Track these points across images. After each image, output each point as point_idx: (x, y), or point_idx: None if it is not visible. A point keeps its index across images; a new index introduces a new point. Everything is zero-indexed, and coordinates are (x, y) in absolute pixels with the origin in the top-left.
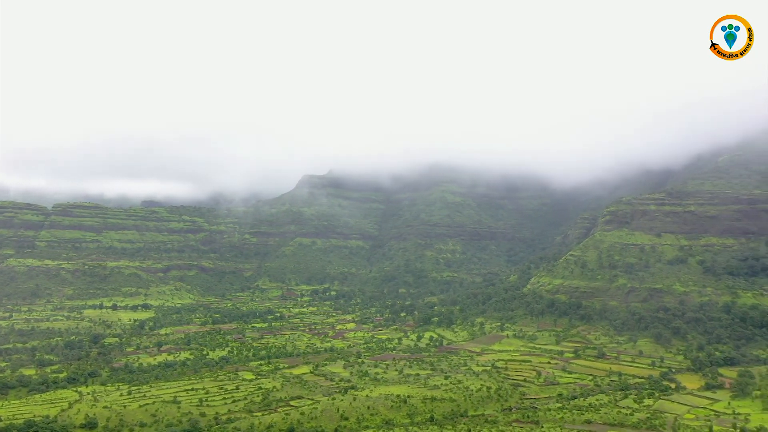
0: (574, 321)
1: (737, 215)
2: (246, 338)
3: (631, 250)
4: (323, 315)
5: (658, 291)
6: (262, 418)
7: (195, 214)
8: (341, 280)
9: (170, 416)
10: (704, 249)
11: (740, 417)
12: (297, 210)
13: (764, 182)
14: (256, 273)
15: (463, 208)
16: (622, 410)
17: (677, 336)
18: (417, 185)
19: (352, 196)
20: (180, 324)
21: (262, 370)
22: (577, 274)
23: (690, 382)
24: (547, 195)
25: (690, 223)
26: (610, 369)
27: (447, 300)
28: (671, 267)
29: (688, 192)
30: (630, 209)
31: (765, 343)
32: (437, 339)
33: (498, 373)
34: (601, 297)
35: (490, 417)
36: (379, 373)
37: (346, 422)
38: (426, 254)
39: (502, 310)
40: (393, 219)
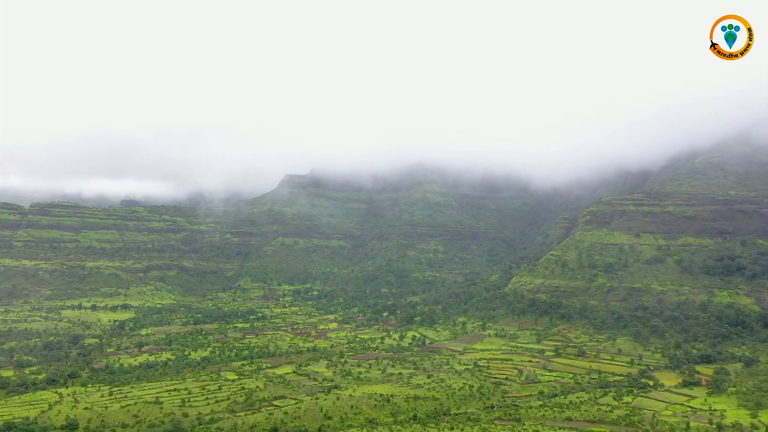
0: (555, 320)
1: (713, 216)
2: (228, 338)
3: (610, 249)
4: (305, 315)
5: (637, 290)
6: (245, 418)
7: (176, 213)
8: (323, 279)
9: (152, 417)
10: (681, 249)
11: (716, 413)
12: (279, 210)
13: (739, 184)
14: (238, 273)
15: (444, 208)
16: (602, 407)
17: (655, 334)
18: (399, 185)
19: (334, 196)
20: (161, 324)
21: (245, 370)
22: (557, 274)
23: (668, 379)
24: (527, 195)
25: (668, 223)
26: (590, 367)
27: (429, 299)
28: (649, 266)
29: (666, 193)
30: (609, 209)
31: (740, 341)
32: (420, 338)
33: (480, 372)
34: (581, 296)
35: (473, 415)
36: (362, 373)
37: (330, 421)
38: (408, 254)
39: (484, 309)
40: (375, 219)
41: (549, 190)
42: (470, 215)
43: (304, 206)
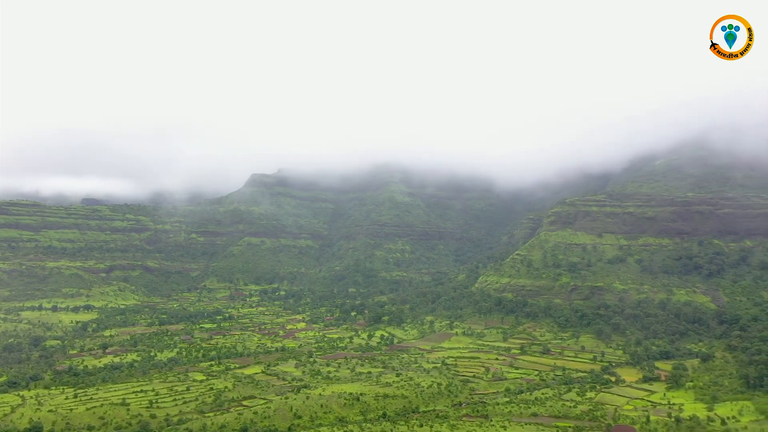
0: (521, 318)
1: (672, 216)
2: (195, 339)
3: (574, 249)
4: (273, 315)
5: (600, 289)
6: (214, 419)
7: (139, 212)
8: (291, 279)
9: (119, 419)
10: (642, 248)
11: (675, 407)
12: (245, 209)
13: (697, 185)
14: (204, 273)
15: (412, 208)
16: (566, 403)
17: (617, 332)
18: (366, 185)
19: (302, 196)
20: (125, 325)
21: (213, 371)
22: (523, 273)
23: (629, 375)
24: (493, 196)
25: (629, 223)
26: (554, 364)
27: (397, 299)
28: (611, 266)
29: (627, 194)
30: (573, 210)
31: (697, 338)
32: (388, 337)
33: (448, 370)
34: (546, 295)
35: (441, 412)
36: (331, 372)
37: (300, 420)
38: (376, 254)
39: (451, 308)
40: (342, 219)
41: (514, 191)
42: (437, 215)
43: (271, 206)
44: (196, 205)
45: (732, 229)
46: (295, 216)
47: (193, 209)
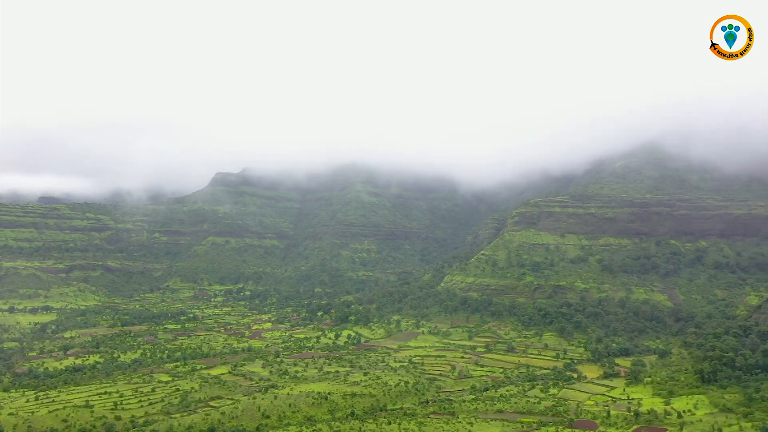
0: (486, 317)
1: (631, 217)
2: (159, 340)
3: (537, 249)
4: (238, 315)
5: (562, 288)
6: (181, 420)
7: (100, 211)
8: (256, 279)
9: (83, 421)
10: (603, 248)
11: (634, 401)
12: (209, 208)
13: (655, 187)
14: (167, 273)
15: (378, 208)
16: (531, 399)
17: (579, 330)
18: (332, 185)
19: (267, 195)
20: (86, 327)
21: (179, 372)
22: (488, 273)
23: (590, 371)
24: (458, 197)
25: (590, 224)
26: (518, 362)
27: (363, 299)
28: (573, 265)
29: (589, 195)
30: (537, 211)
31: (655, 335)
32: (355, 337)
33: (415, 369)
34: (510, 294)
35: (409, 410)
36: (298, 372)
37: (268, 420)
38: (342, 254)
39: (418, 307)
40: (308, 218)
41: (478, 192)
42: (403, 215)
43: (236, 205)
44: (159, 204)
45: (688, 229)
46: (260, 215)
47: (156, 208)
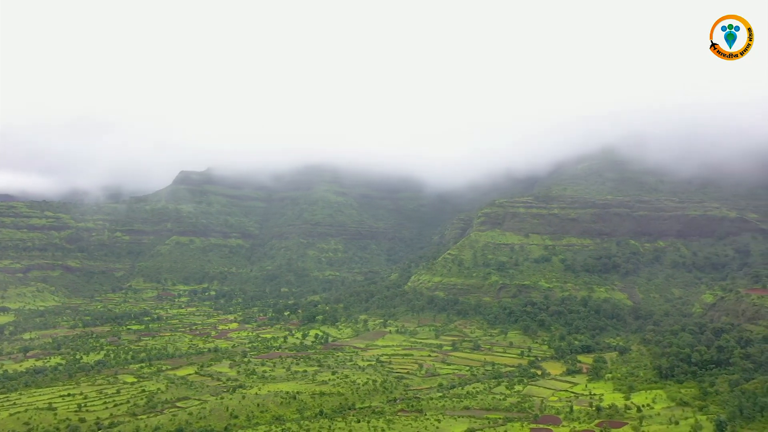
0: (452, 316)
1: (593, 218)
2: (122, 341)
3: (502, 249)
4: (203, 315)
5: (526, 287)
6: (147, 421)
7: (59, 209)
8: (221, 279)
9: (46, 423)
10: (565, 248)
11: (595, 397)
12: (173, 207)
13: (615, 189)
14: (129, 273)
15: (344, 208)
16: (496, 396)
17: (542, 328)
18: (299, 184)
19: (232, 194)
20: (45, 328)
21: (144, 373)
22: (454, 272)
23: (553, 368)
24: (424, 197)
25: (554, 224)
26: (484, 360)
27: (330, 298)
28: (537, 265)
29: (552, 196)
30: (502, 211)
31: (615, 333)
32: (322, 336)
33: (383, 367)
34: (476, 293)
35: (377, 408)
36: (266, 371)
37: (236, 420)
38: (308, 253)
39: (385, 307)
40: (275, 218)
41: (443, 193)
42: (370, 215)
43: (200, 204)
44: (121, 203)
45: (647, 230)
46: (225, 215)
47: (118, 207)
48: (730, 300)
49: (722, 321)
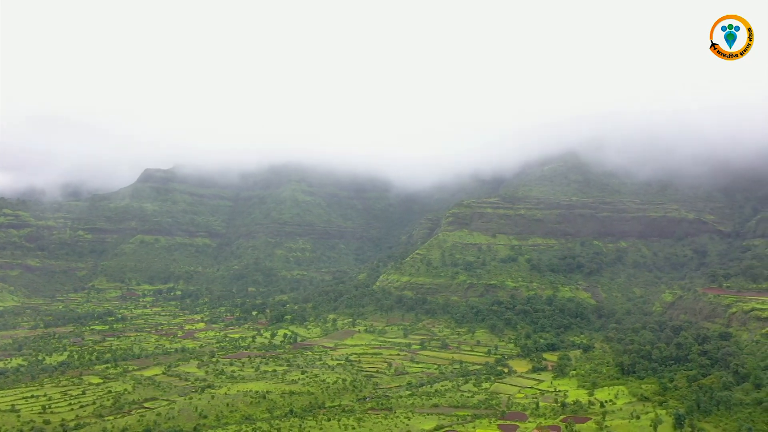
0: (420, 315)
1: (558, 219)
2: (86, 341)
3: (470, 249)
4: (169, 315)
5: (493, 286)
6: (114, 422)
7: (19, 207)
8: (187, 279)
9: (9, 426)
10: (531, 248)
11: (560, 393)
12: (138, 205)
13: (580, 190)
14: (92, 272)
15: (313, 207)
16: (464, 394)
17: (509, 326)
18: (267, 183)
19: (199, 193)
20: (5, 328)
21: (110, 373)
22: (422, 272)
23: (520, 366)
24: (392, 196)
25: (520, 225)
26: (452, 358)
27: (299, 298)
28: (504, 264)
29: (519, 197)
30: (470, 212)
31: (579, 331)
32: (291, 336)
33: (352, 366)
34: (444, 292)
35: (347, 407)
36: (235, 371)
37: (205, 420)
38: (276, 253)
39: (353, 306)
40: (242, 217)
41: (411, 193)
42: (338, 215)
43: (166, 202)
44: (83, 201)
45: (609, 231)
46: (191, 213)
47: (80, 205)
48: (688, 299)
49: (681, 319)
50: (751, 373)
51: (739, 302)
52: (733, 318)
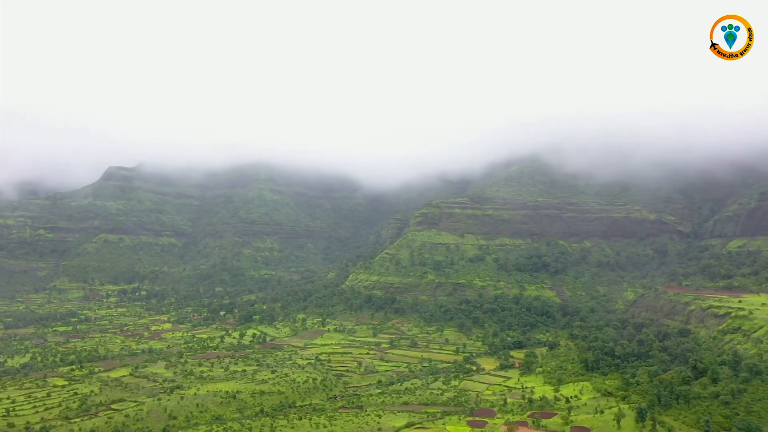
0: (390, 314)
1: (525, 219)
2: (49, 343)
3: (439, 249)
4: (135, 316)
5: (461, 285)
6: (81, 424)
7: None
8: (152, 279)
9: None
10: (498, 248)
11: (527, 390)
12: (101, 204)
13: (546, 191)
14: (53, 272)
15: (281, 207)
16: (434, 391)
17: (477, 325)
18: (234, 182)
19: (164, 191)
20: None
21: (75, 375)
22: (392, 271)
23: (488, 363)
24: (360, 196)
25: (487, 225)
26: (421, 356)
27: (267, 297)
28: (472, 264)
29: (486, 198)
30: (438, 212)
31: (545, 329)
32: (260, 336)
33: (322, 366)
34: (413, 292)
35: (318, 406)
36: (204, 372)
37: (175, 421)
38: (243, 252)
39: (323, 306)
40: (209, 216)
41: (380, 193)
42: (306, 214)
43: (130, 201)
44: (44, 199)
45: (574, 231)
46: (156, 212)
47: (40, 203)
48: (649, 297)
49: (642, 317)
50: (708, 368)
51: (698, 300)
52: (691, 315)
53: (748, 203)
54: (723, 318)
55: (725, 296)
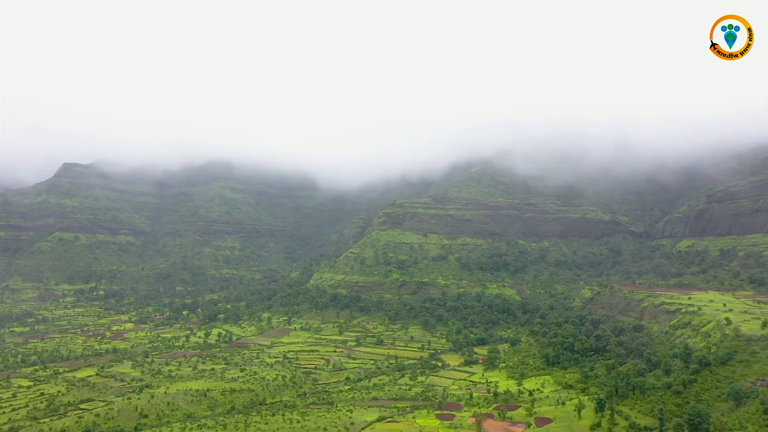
0: (355, 313)
1: (486, 219)
2: (7, 344)
3: (403, 248)
4: (94, 316)
5: (425, 284)
6: (51, 424)
7: None
8: (110, 278)
9: None
10: (461, 247)
11: (492, 384)
12: (56, 201)
13: (506, 192)
14: (5, 272)
15: (242, 205)
16: (402, 387)
17: (441, 322)
18: (194, 180)
19: (122, 189)
20: None
21: (40, 376)
22: (356, 270)
23: (452, 360)
24: (322, 195)
25: (450, 225)
26: (388, 353)
27: (231, 297)
28: (435, 263)
29: (449, 198)
30: (402, 212)
31: (506, 326)
32: (226, 335)
33: (290, 363)
34: (377, 290)
35: (289, 402)
36: (172, 371)
37: (146, 420)
38: (204, 251)
39: (288, 304)
40: (168, 214)
41: (341, 192)
42: (268, 213)
43: (87, 198)
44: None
45: (533, 231)
46: (114, 210)
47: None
48: (605, 294)
49: (599, 313)
50: (661, 360)
51: (651, 297)
52: (645, 311)
53: (696, 205)
54: (674, 314)
55: (676, 293)
